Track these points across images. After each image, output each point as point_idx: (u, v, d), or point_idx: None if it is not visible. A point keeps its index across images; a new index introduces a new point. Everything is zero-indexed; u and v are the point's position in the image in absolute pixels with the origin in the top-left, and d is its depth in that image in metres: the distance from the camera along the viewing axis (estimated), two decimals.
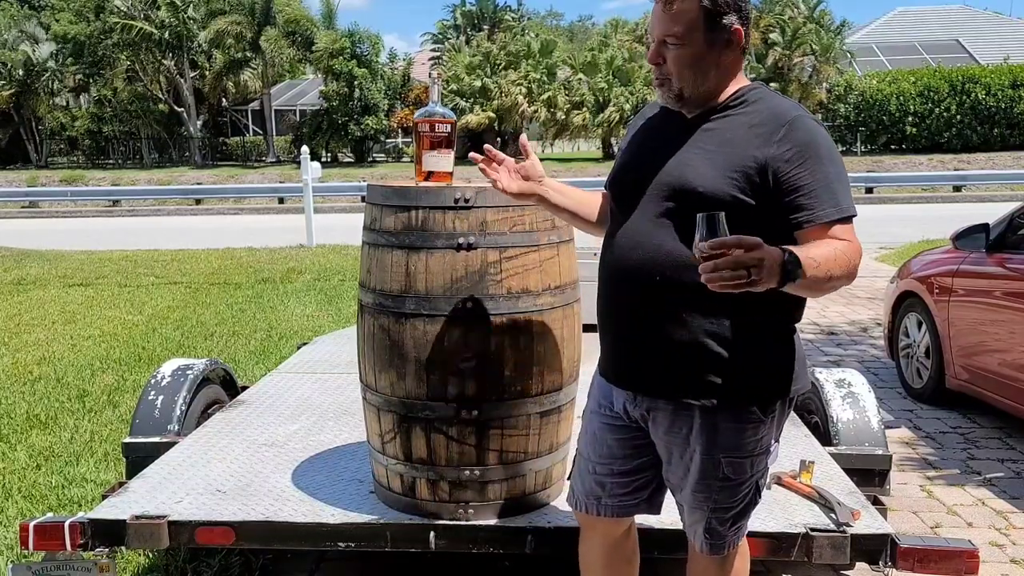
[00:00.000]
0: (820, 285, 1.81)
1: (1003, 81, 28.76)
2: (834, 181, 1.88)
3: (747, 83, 2.03)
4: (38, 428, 5.06)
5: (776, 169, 1.88)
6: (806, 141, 1.89)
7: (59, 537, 2.51)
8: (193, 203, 25.74)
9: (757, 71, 31.47)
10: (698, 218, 1.69)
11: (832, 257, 1.80)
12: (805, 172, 1.87)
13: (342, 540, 2.56)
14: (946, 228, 6.90)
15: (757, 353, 1.98)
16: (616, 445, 2.18)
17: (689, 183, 1.93)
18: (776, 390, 2.02)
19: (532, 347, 2.50)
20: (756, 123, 1.93)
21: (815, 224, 1.87)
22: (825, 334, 7.48)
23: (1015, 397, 4.58)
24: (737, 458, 2.02)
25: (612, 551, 2.31)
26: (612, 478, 2.20)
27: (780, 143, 1.88)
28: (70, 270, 12.00)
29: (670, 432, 2.05)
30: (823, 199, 1.87)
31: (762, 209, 1.89)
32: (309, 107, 37.06)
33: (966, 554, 2.41)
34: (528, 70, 32.68)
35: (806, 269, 1.71)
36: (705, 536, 2.12)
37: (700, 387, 1.98)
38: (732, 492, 2.06)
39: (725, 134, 1.95)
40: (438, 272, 2.45)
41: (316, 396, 3.83)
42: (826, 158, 1.89)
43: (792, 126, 1.90)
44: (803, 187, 1.87)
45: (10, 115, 35.54)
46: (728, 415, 1.99)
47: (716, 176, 1.90)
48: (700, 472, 2.03)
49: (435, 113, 2.64)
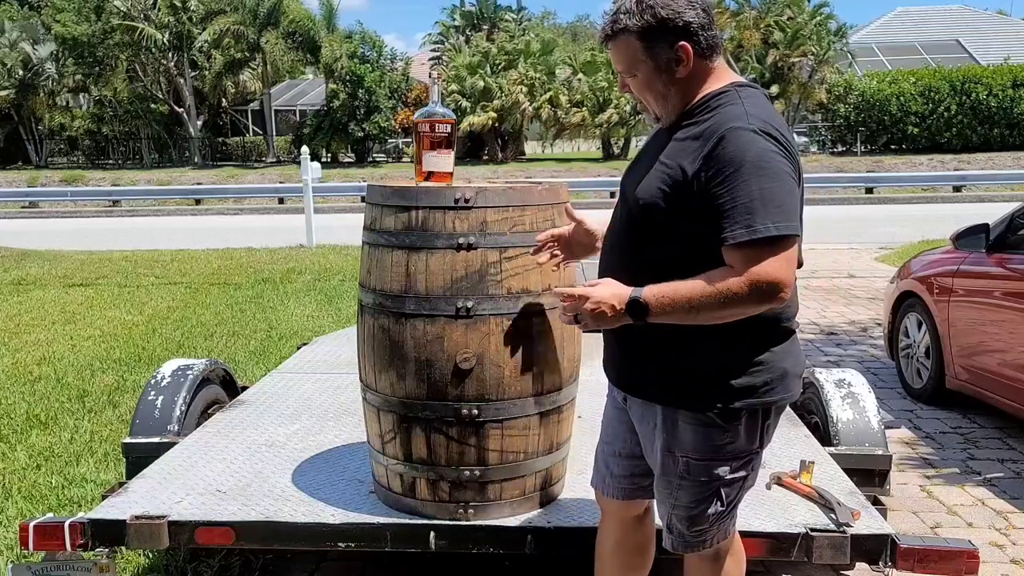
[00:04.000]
0: (684, 315, 1.87)
1: (1003, 81, 28.77)
2: (756, 199, 1.79)
3: (725, 84, 1.97)
4: (38, 428, 5.06)
5: (699, 184, 1.86)
6: (731, 157, 1.81)
7: (59, 537, 2.51)
8: (193, 203, 25.75)
9: (757, 71, 31.48)
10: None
11: (691, 292, 1.84)
12: (723, 190, 1.82)
13: (342, 540, 2.56)
14: (946, 228, 6.91)
15: (719, 362, 1.96)
16: (619, 428, 2.26)
17: (640, 193, 1.98)
18: (741, 397, 1.96)
19: (532, 347, 2.50)
20: (698, 133, 1.90)
21: (726, 244, 1.83)
22: (825, 334, 7.48)
23: (1015, 397, 4.58)
24: (695, 459, 2.03)
25: (622, 536, 2.35)
26: (615, 459, 2.27)
27: (706, 158, 1.85)
28: (70, 270, 12.01)
29: (641, 423, 2.14)
30: (737, 220, 1.80)
31: (692, 220, 1.89)
32: (309, 107, 37.08)
33: (966, 554, 2.41)
34: (528, 70, 32.69)
35: (652, 306, 1.87)
36: (667, 531, 2.19)
37: (659, 388, 2.03)
38: (690, 492, 2.07)
39: (677, 144, 1.95)
40: (438, 272, 2.45)
41: (316, 396, 3.83)
42: (750, 173, 1.80)
43: (722, 142, 1.83)
44: (718, 206, 1.82)
45: (10, 115, 35.56)
46: (688, 415, 2.01)
47: (651, 187, 1.95)
48: (661, 467, 2.09)
49: (435, 113, 2.64)
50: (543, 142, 36.61)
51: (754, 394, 1.97)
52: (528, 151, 37.78)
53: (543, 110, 32.25)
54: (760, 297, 1.82)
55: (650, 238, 1.98)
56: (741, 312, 1.85)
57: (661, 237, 1.95)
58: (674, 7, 1.90)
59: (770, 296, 1.82)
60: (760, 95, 1.98)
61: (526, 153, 36.87)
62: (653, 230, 1.96)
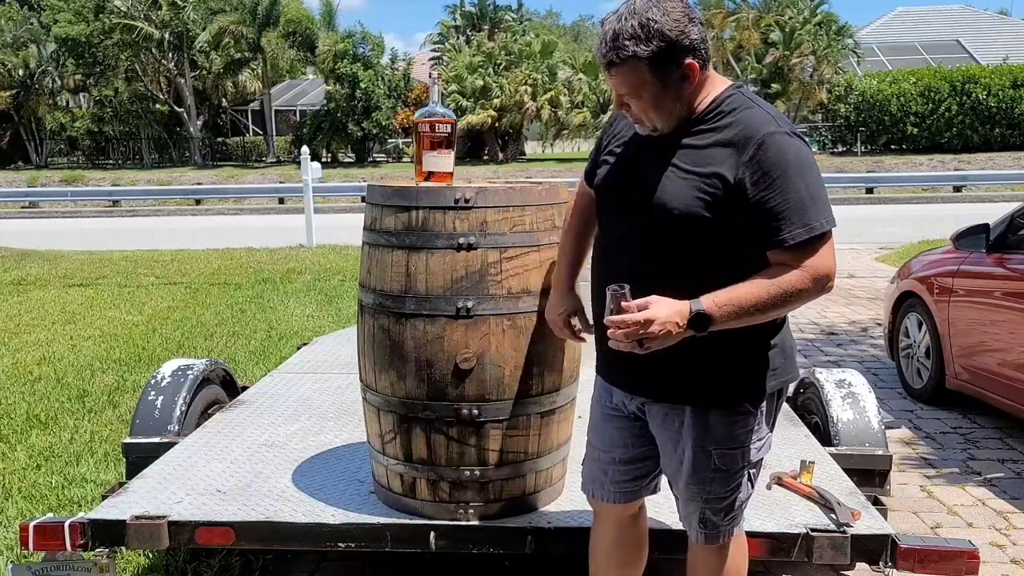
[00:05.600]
0: (749, 319, 1.89)
1: (1003, 81, 28.76)
2: (805, 198, 1.87)
3: (722, 87, 2.00)
4: (38, 428, 5.06)
5: (745, 190, 1.88)
6: (775, 161, 1.86)
7: (59, 537, 2.51)
8: (193, 203, 25.75)
9: (757, 71, 31.47)
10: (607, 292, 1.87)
11: (756, 294, 1.87)
12: (774, 194, 1.86)
13: (342, 540, 2.56)
14: (946, 228, 6.91)
15: (744, 355, 2.03)
16: (617, 435, 2.25)
17: (665, 203, 1.95)
18: (768, 382, 2.07)
19: (532, 347, 2.50)
20: (727, 140, 1.92)
21: (782, 247, 1.88)
22: (825, 334, 7.48)
23: (1015, 397, 4.57)
24: (728, 450, 2.07)
25: (620, 535, 2.36)
26: (614, 465, 2.26)
27: (748, 164, 1.87)
28: (70, 270, 12.00)
29: (663, 425, 2.13)
30: (791, 221, 1.86)
31: (734, 227, 1.91)
32: (309, 107, 37.07)
33: (966, 554, 2.41)
34: (529, 70, 32.68)
35: (717, 317, 1.86)
36: (700, 526, 2.18)
37: (690, 391, 2.04)
38: (724, 483, 2.11)
39: (699, 152, 1.95)
40: (438, 272, 2.45)
41: (316, 396, 3.83)
42: (795, 174, 1.86)
43: (762, 147, 1.87)
44: (771, 210, 1.87)
45: (10, 115, 35.56)
46: (719, 411, 2.05)
47: (688, 197, 1.92)
48: (692, 465, 2.09)
49: (435, 113, 2.64)
50: (543, 142, 36.59)
51: (775, 376, 2.07)
52: (528, 151, 37.78)
53: (544, 110, 32.24)
54: (821, 289, 1.90)
55: (682, 246, 1.96)
56: (801, 305, 1.93)
57: (695, 245, 1.95)
58: (680, 27, 1.87)
59: (827, 285, 1.91)
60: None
61: (526, 153, 36.87)
62: (687, 238, 1.95)
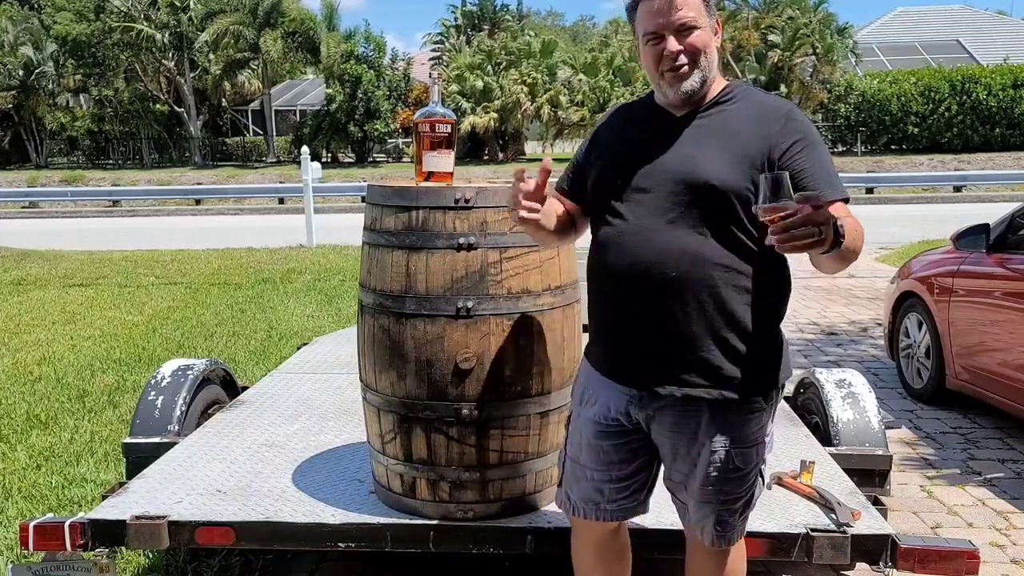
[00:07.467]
0: (846, 256, 1.88)
1: (1004, 81, 28.77)
2: (829, 167, 2.02)
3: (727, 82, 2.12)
4: (38, 428, 5.06)
5: (779, 157, 1.97)
6: (803, 131, 2.01)
7: (59, 537, 2.51)
8: (193, 203, 25.74)
9: (757, 72, 31.45)
10: (761, 179, 1.73)
11: (854, 229, 1.88)
12: (805, 159, 1.97)
13: (342, 540, 2.56)
14: (946, 228, 6.91)
15: (767, 342, 2.06)
16: (613, 451, 2.19)
17: (701, 177, 1.97)
18: (776, 378, 2.11)
19: (532, 347, 2.50)
20: (753, 115, 2.03)
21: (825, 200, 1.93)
22: (825, 334, 7.48)
23: (1015, 397, 4.58)
24: (744, 448, 2.08)
25: (604, 549, 2.35)
26: (611, 484, 2.21)
27: (780, 134, 1.99)
28: (70, 270, 12.00)
29: (676, 428, 2.08)
30: (824, 182, 1.97)
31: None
32: (309, 107, 37.06)
33: (966, 554, 2.41)
34: (529, 70, 32.66)
35: (847, 237, 1.80)
36: (716, 528, 2.15)
37: (715, 379, 2.02)
38: (741, 482, 2.11)
39: (726, 127, 2.02)
40: (438, 272, 2.45)
41: (316, 396, 3.83)
42: (820, 147, 2.02)
43: (789, 117, 2.02)
44: (805, 171, 1.96)
45: (10, 115, 35.55)
46: (737, 407, 2.04)
47: (728, 168, 1.96)
48: (711, 466, 2.06)
49: (435, 113, 2.64)
50: (543, 142, 36.54)
51: (783, 370, 2.12)
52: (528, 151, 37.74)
53: (543, 110, 32.22)
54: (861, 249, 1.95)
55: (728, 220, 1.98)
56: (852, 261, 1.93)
57: (739, 217, 1.97)
58: None
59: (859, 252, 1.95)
60: None
61: (526, 153, 36.83)
62: (732, 211, 1.97)
